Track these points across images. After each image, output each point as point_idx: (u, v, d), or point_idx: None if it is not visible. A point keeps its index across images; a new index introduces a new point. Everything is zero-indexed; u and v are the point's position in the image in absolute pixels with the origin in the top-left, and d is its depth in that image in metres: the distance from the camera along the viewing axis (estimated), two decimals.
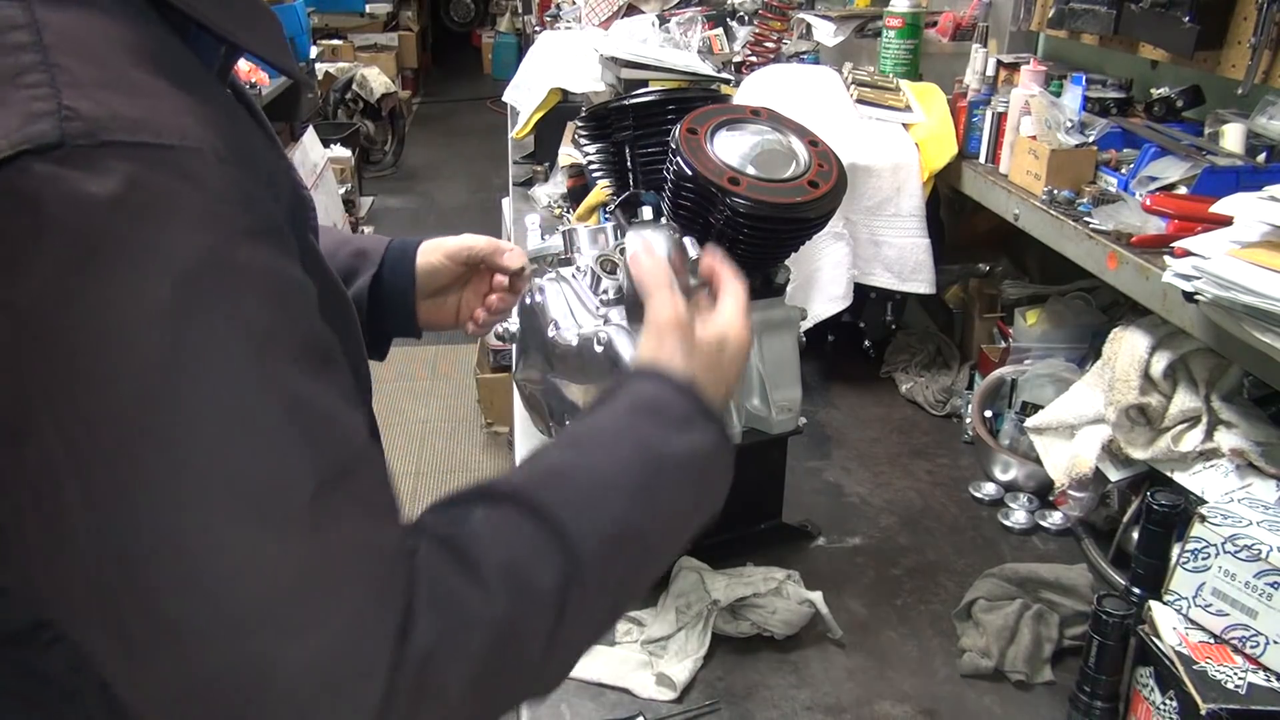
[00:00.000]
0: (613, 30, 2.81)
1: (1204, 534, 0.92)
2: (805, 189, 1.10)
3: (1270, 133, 1.24)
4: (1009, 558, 1.27)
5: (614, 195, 1.28)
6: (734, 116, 1.16)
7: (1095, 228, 1.24)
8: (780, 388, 1.21)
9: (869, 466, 1.51)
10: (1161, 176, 1.24)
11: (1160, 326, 1.20)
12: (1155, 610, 0.95)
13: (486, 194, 6.46)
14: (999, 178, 1.51)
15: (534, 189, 2.69)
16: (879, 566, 1.27)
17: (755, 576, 1.13)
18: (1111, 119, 1.43)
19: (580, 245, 1.22)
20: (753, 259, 1.14)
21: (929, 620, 1.17)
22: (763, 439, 1.20)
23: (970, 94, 1.64)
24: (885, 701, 1.05)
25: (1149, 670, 0.93)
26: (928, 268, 1.65)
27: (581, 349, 1.11)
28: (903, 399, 1.72)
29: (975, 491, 1.43)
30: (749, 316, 0.79)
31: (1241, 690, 0.86)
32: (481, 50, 10.18)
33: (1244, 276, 0.92)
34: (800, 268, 1.50)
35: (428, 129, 8.52)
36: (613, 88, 2.20)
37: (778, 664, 1.10)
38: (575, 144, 2.32)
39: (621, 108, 1.24)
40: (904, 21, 1.82)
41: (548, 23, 3.89)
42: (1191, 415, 1.16)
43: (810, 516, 1.35)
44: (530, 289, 1.24)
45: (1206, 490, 1.11)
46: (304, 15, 5.24)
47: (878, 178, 1.62)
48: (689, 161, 1.07)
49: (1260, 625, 0.89)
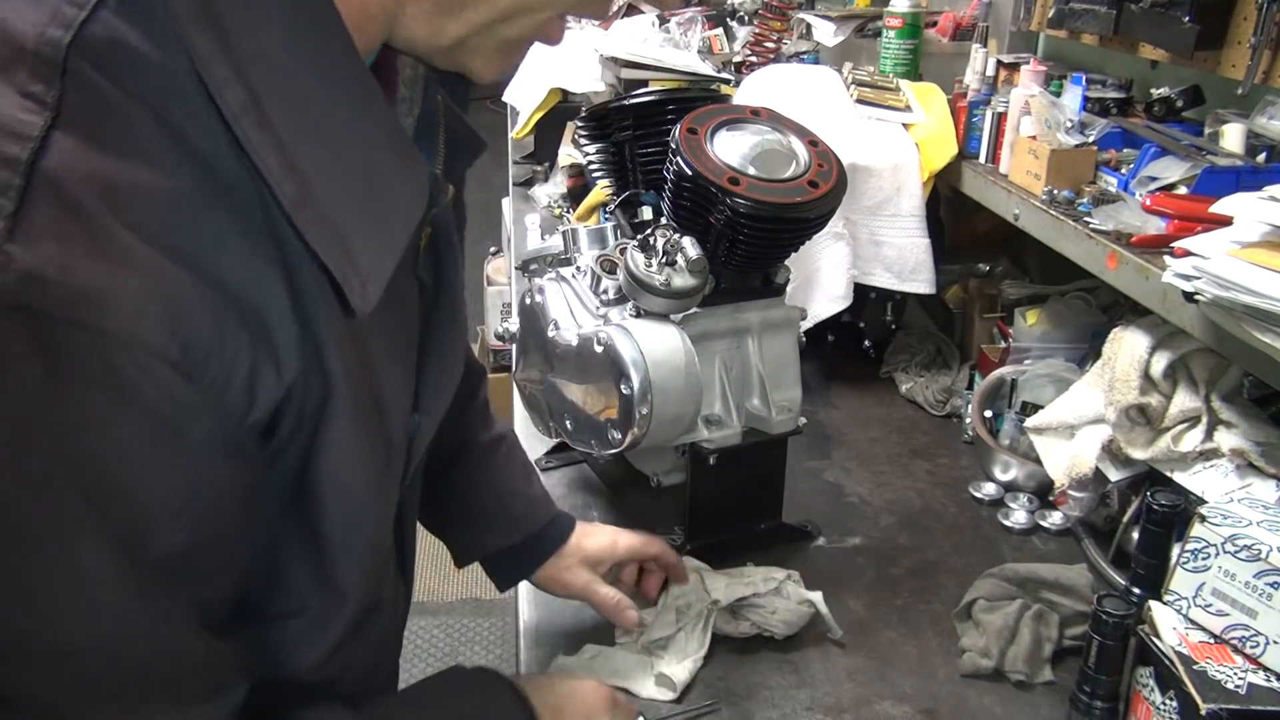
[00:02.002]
0: (613, 30, 2.81)
1: (1204, 534, 0.92)
2: (805, 189, 1.10)
3: (1270, 133, 1.24)
4: (1009, 558, 1.27)
5: (614, 195, 1.28)
6: (734, 116, 1.16)
7: (1095, 228, 1.24)
8: (780, 388, 1.21)
9: (869, 466, 1.51)
10: (1161, 176, 1.24)
11: (1160, 326, 1.20)
12: (1155, 610, 0.95)
13: (486, 194, 6.44)
14: (999, 178, 1.51)
15: (534, 189, 2.69)
16: (879, 566, 1.27)
17: (755, 576, 1.13)
18: (1111, 119, 1.43)
19: (580, 245, 1.22)
20: (753, 259, 1.14)
21: (929, 620, 1.17)
22: (763, 439, 1.20)
23: (970, 94, 1.64)
24: (885, 701, 1.05)
25: (1149, 670, 0.93)
26: (928, 268, 1.65)
27: (581, 349, 1.11)
28: (903, 399, 1.72)
29: (975, 491, 1.43)
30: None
31: (1241, 690, 0.86)
32: None
33: (1244, 276, 0.92)
34: (800, 268, 1.50)
35: None
36: (613, 88, 2.20)
37: (778, 664, 1.10)
38: (575, 144, 2.32)
39: (621, 108, 1.24)
40: (904, 21, 1.82)
41: None
42: (1191, 415, 1.16)
43: (810, 516, 1.35)
44: (530, 289, 1.24)
45: (1206, 490, 1.11)
46: None
47: (878, 178, 1.62)
48: (689, 161, 1.07)
49: (1260, 625, 0.88)
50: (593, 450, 1.14)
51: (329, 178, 0.53)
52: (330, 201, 0.53)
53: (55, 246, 0.44)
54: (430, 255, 0.69)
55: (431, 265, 0.70)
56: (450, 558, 1.07)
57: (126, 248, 0.46)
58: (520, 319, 1.27)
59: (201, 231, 0.49)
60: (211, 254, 0.49)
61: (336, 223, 0.54)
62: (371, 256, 0.56)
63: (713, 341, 1.17)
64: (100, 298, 0.45)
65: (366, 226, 0.56)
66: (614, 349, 1.05)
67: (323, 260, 0.53)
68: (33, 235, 0.44)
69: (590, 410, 1.12)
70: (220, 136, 0.49)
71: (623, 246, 1.13)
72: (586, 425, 1.14)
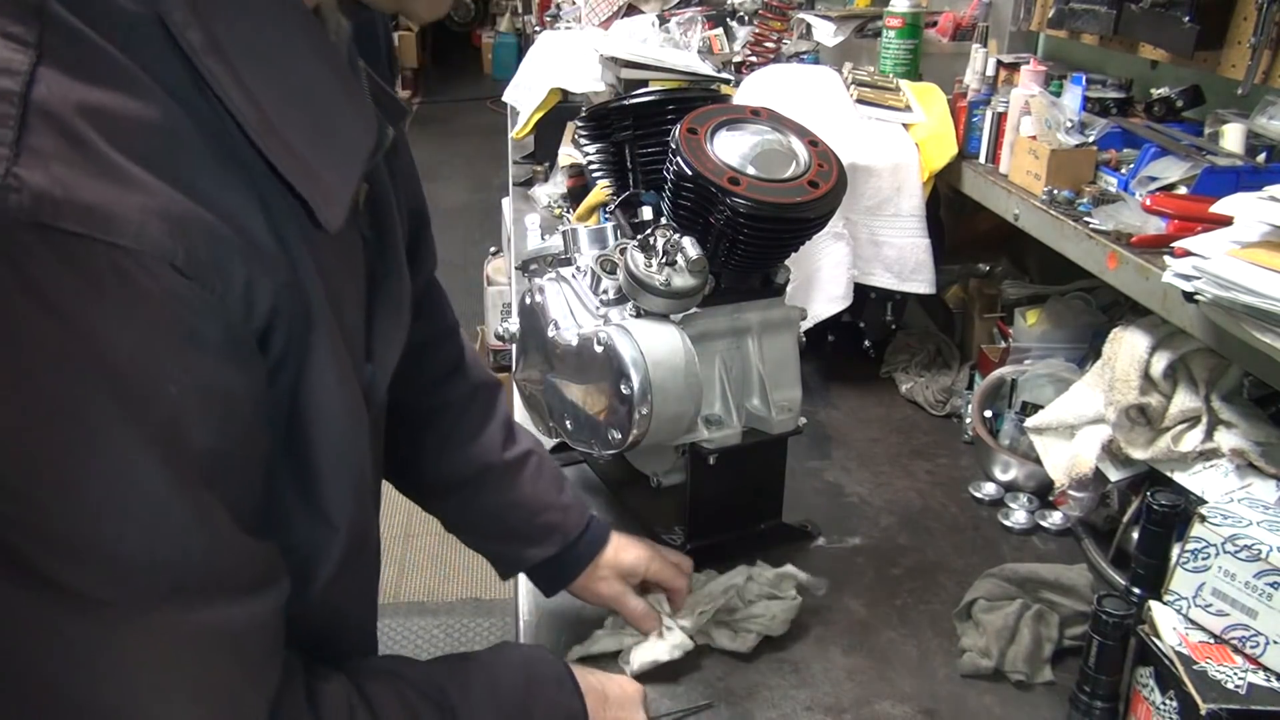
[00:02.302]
0: (613, 30, 2.82)
1: (1204, 534, 0.92)
2: (805, 189, 1.10)
3: (1270, 133, 1.24)
4: (1009, 558, 1.27)
5: (614, 195, 1.28)
6: (734, 116, 1.16)
7: (1095, 228, 1.24)
8: (780, 388, 1.21)
9: (869, 466, 1.51)
10: (1161, 176, 1.24)
11: (1160, 326, 1.20)
12: (1155, 610, 0.95)
13: (486, 194, 6.46)
14: (999, 178, 1.51)
15: (534, 189, 2.69)
16: (879, 566, 1.27)
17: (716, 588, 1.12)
18: (1111, 119, 1.43)
19: (580, 245, 1.22)
20: (753, 259, 1.14)
21: (929, 620, 1.17)
22: (763, 439, 1.20)
23: (970, 94, 1.64)
24: (885, 701, 1.05)
25: (1149, 670, 0.93)
26: (928, 268, 1.65)
27: (581, 349, 1.11)
28: (903, 399, 1.72)
29: (975, 491, 1.43)
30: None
31: (1241, 690, 0.86)
32: (481, 50, 10.18)
33: (1244, 276, 0.92)
34: (800, 268, 1.50)
35: (427, 129, 8.51)
36: (613, 88, 2.20)
37: (778, 664, 1.10)
38: (575, 144, 2.32)
39: (621, 108, 1.24)
40: (904, 21, 1.82)
41: (548, 23, 3.89)
42: (1191, 415, 1.16)
43: (810, 516, 1.35)
44: (530, 289, 1.24)
45: (1206, 490, 1.11)
46: None
47: (878, 178, 1.62)
48: (689, 161, 1.07)
49: (1260, 625, 0.89)
50: (593, 450, 1.14)
51: (285, 108, 0.57)
52: (288, 130, 0.58)
53: (60, 168, 0.47)
54: (370, 211, 0.74)
55: (371, 221, 0.74)
56: (449, 558, 1.09)
57: (122, 168, 0.49)
58: (520, 319, 1.27)
59: (181, 156, 0.53)
60: (192, 176, 0.53)
61: (296, 147, 0.58)
62: (332, 177, 0.61)
63: (713, 341, 1.17)
64: (107, 212, 0.48)
65: (323, 152, 0.60)
66: (614, 349, 1.05)
67: (289, 180, 0.58)
68: (37, 159, 0.47)
69: (590, 410, 1.12)
70: (185, 76, 0.54)
71: (623, 246, 1.13)
72: (586, 425, 1.14)
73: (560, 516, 1.07)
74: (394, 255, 0.77)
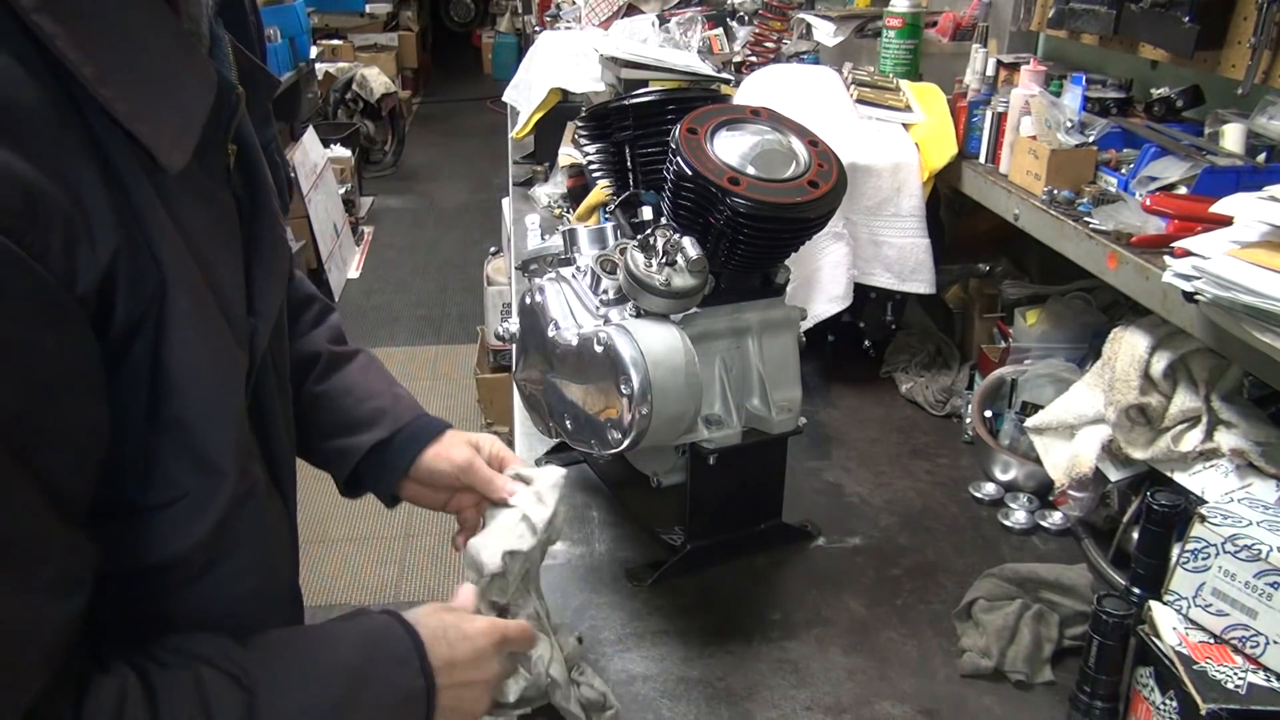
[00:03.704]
0: (613, 30, 2.82)
1: (1204, 534, 0.92)
2: (805, 189, 1.10)
3: (1270, 133, 1.24)
4: (1009, 558, 1.27)
5: (614, 195, 1.28)
6: (734, 116, 1.16)
7: (1095, 228, 1.24)
8: (780, 388, 1.21)
9: (869, 466, 1.51)
10: (1161, 176, 1.24)
11: (1160, 326, 1.20)
12: (1155, 610, 0.95)
13: (486, 194, 6.47)
14: (999, 178, 1.51)
15: (534, 189, 2.69)
16: (879, 566, 1.27)
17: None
18: (1111, 119, 1.43)
19: (580, 245, 1.22)
20: (753, 259, 1.14)
21: (929, 620, 1.17)
22: (763, 439, 1.20)
23: (970, 94, 1.64)
24: (885, 701, 1.05)
25: (1149, 670, 0.93)
26: (928, 268, 1.65)
27: (581, 349, 1.11)
28: (903, 399, 1.72)
29: (975, 491, 1.43)
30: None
31: (1241, 690, 0.86)
32: (481, 50, 10.19)
33: (1244, 276, 0.92)
34: (800, 268, 1.50)
35: (428, 129, 8.53)
36: (613, 88, 2.20)
37: (778, 664, 1.10)
38: (575, 144, 2.32)
39: (621, 108, 1.24)
40: (904, 21, 1.82)
41: (548, 23, 3.89)
42: (1191, 415, 1.16)
43: (810, 516, 1.35)
44: (530, 289, 1.24)
45: (1206, 490, 1.11)
46: (304, 15, 5.24)
47: (878, 178, 1.62)
48: (689, 161, 1.07)
49: (1260, 625, 0.89)
50: (593, 450, 1.14)
51: (123, 65, 0.60)
52: (125, 82, 0.60)
53: None
54: (241, 172, 0.77)
55: (243, 181, 0.77)
56: (449, 558, 1.07)
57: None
58: (520, 319, 1.27)
59: (10, 115, 0.54)
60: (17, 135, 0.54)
61: (134, 96, 0.60)
62: (171, 123, 0.63)
63: (713, 341, 1.17)
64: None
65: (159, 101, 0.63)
66: (614, 349, 1.05)
67: (126, 126, 0.60)
68: None
69: (590, 410, 1.12)
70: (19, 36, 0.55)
71: (623, 246, 1.13)
72: (586, 425, 1.14)
73: (390, 403, 1.03)
74: (268, 213, 0.80)
